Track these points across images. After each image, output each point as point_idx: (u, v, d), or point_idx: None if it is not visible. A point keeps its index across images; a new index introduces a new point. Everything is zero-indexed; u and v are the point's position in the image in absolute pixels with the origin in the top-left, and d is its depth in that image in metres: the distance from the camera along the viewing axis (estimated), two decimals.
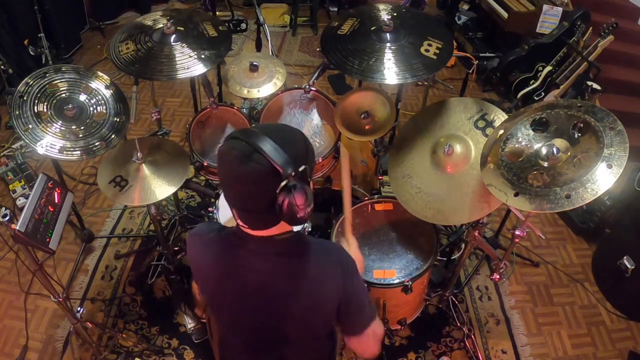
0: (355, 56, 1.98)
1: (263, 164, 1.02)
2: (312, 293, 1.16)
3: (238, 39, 4.74)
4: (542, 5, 3.71)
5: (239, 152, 1.03)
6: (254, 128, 1.11)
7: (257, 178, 1.03)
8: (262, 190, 1.05)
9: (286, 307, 1.18)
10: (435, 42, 2.01)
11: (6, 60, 3.52)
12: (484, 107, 1.91)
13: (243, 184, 1.06)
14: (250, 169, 1.02)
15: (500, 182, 1.55)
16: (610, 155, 1.41)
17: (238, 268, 1.18)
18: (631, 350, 2.42)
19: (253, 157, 1.02)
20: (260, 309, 1.20)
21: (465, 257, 2.23)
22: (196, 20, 2.19)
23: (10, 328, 2.38)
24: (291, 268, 1.16)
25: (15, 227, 1.50)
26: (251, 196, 1.08)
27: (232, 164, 1.05)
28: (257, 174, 1.03)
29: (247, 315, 1.24)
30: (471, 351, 2.33)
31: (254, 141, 1.03)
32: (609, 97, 3.50)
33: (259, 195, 1.06)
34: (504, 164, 1.57)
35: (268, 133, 1.06)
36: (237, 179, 1.06)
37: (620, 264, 2.51)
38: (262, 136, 1.04)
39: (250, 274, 1.17)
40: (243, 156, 1.03)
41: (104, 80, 2.12)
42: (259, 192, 1.05)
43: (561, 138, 1.52)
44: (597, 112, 1.49)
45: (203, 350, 2.28)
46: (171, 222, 2.85)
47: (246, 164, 1.02)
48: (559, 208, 1.42)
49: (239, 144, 1.04)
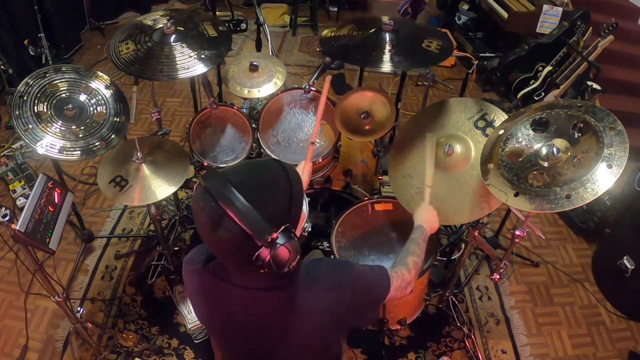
0: (357, 48, 1.98)
1: (234, 231, 0.93)
2: (304, 328, 1.11)
3: (238, 39, 4.74)
4: (542, 5, 3.71)
5: (208, 215, 0.95)
6: (228, 174, 0.98)
7: (230, 245, 0.96)
8: (238, 254, 0.98)
9: (277, 341, 1.14)
10: (436, 40, 2.01)
11: (6, 60, 3.52)
12: (484, 107, 1.91)
13: (217, 246, 1.00)
14: (221, 237, 0.94)
15: (500, 182, 1.55)
16: (610, 155, 1.40)
17: (225, 300, 1.13)
18: (631, 351, 2.42)
19: (222, 223, 0.93)
20: (250, 341, 1.17)
21: (465, 257, 2.23)
22: (196, 20, 2.19)
23: (10, 328, 2.38)
24: (280, 303, 1.09)
25: (15, 227, 1.50)
26: (228, 256, 1.03)
27: (202, 226, 0.98)
28: (229, 242, 0.95)
29: (239, 342, 1.21)
30: (471, 351, 2.33)
31: (223, 201, 0.92)
32: (609, 97, 3.50)
33: (236, 257, 1.00)
34: (504, 164, 1.57)
35: (243, 185, 0.95)
36: (209, 241, 1.00)
37: (620, 264, 2.51)
38: (232, 193, 0.93)
39: (236, 307, 1.12)
40: (212, 221, 0.94)
41: (104, 80, 2.12)
42: (235, 255, 1.00)
43: (561, 138, 1.52)
44: (597, 112, 1.49)
45: (203, 350, 2.28)
46: (171, 222, 2.85)
47: (216, 230, 0.94)
48: (559, 208, 1.42)
49: (208, 203, 0.94)
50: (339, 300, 1.11)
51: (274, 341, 1.15)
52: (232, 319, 1.14)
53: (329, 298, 1.11)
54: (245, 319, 1.13)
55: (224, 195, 0.93)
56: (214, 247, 1.02)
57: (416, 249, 1.45)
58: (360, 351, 2.30)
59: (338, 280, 1.14)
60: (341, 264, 1.25)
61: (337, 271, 1.17)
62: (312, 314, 1.10)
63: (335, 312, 1.12)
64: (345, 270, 1.17)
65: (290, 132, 2.27)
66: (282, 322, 1.11)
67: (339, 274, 1.16)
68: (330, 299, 1.11)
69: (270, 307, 1.10)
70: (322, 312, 1.10)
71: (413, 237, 1.50)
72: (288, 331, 1.12)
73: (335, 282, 1.13)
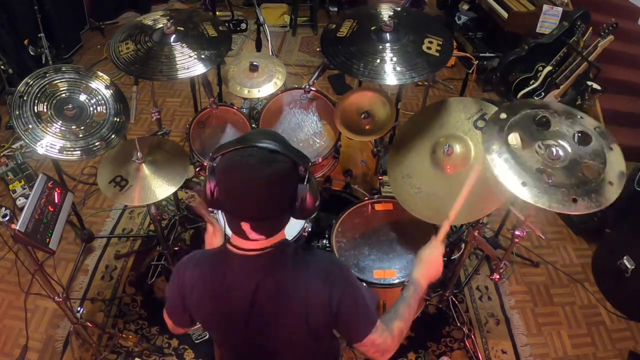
0: (359, 58, 1.97)
1: (286, 162, 1.05)
2: (296, 312, 1.13)
3: (238, 39, 4.74)
4: (542, 5, 3.71)
5: (259, 157, 1.04)
6: (247, 137, 1.11)
7: (284, 177, 1.06)
8: (286, 188, 1.07)
9: (272, 325, 1.16)
10: (436, 39, 2.01)
11: (6, 60, 3.52)
12: (484, 107, 1.91)
13: (268, 188, 1.05)
14: (277, 170, 1.04)
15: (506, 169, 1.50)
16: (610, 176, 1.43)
17: (223, 287, 1.16)
18: (631, 351, 2.42)
19: (276, 158, 1.04)
20: (247, 327, 1.18)
21: (465, 257, 2.23)
22: (196, 20, 2.18)
23: (10, 328, 2.38)
24: (275, 286, 1.13)
25: (15, 227, 1.50)
26: (274, 199, 1.07)
27: (252, 172, 1.03)
28: (284, 173, 1.05)
29: (236, 332, 1.22)
30: (471, 351, 2.33)
31: (267, 144, 1.05)
32: (609, 97, 3.50)
33: (283, 194, 1.07)
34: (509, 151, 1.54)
35: (265, 137, 1.07)
36: (259, 186, 1.04)
37: (620, 264, 2.51)
38: (267, 140, 1.06)
39: (234, 292, 1.15)
40: (265, 160, 1.03)
41: (104, 80, 2.12)
42: (284, 191, 1.07)
43: (562, 140, 1.52)
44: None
45: (203, 350, 2.28)
46: (171, 222, 2.86)
47: (270, 166, 1.03)
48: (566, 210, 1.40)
49: (253, 151, 1.05)
50: (330, 287, 1.13)
51: (267, 328, 1.17)
52: (231, 304, 1.17)
53: (317, 284, 1.13)
54: (243, 304, 1.15)
55: (262, 142, 1.06)
56: (257, 193, 1.05)
57: (405, 312, 1.27)
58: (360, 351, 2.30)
59: (330, 271, 1.16)
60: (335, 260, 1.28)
61: (328, 263, 1.20)
62: (304, 299, 1.12)
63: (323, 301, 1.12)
64: (340, 267, 1.20)
65: (290, 132, 2.27)
66: (276, 306, 1.14)
67: (330, 265, 1.19)
68: (319, 286, 1.13)
69: (267, 290, 1.13)
70: (312, 297, 1.12)
71: (405, 296, 1.31)
72: (281, 315, 1.15)
73: (326, 272, 1.15)
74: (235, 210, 1.10)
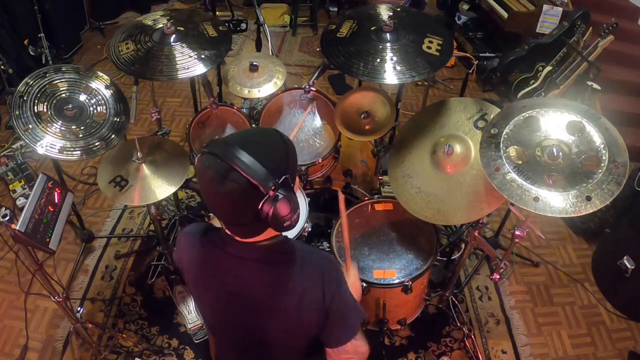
0: (359, 58, 1.97)
1: (240, 182, 0.99)
2: (290, 306, 1.14)
3: (238, 39, 4.74)
4: (542, 5, 3.71)
5: (215, 171, 1.01)
6: (229, 139, 1.07)
7: (237, 196, 1.02)
8: (243, 206, 1.03)
9: (265, 315, 1.17)
10: (436, 39, 2.01)
11: (6, 60, 3.52)
12: (484, 107, 1.91)
13: (223, 202, 1.04)
14: (229, 189, 1.00)
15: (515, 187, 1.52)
16: (612, 154, 1.42)
17: (218, 270, 1.17)
18: (631, 351, 2.42)
19: (229, 176, 0.99)
20: (240, 313, 1.19)
21: (465, 257, 2.23)
22: (196, 20, 2.19)
23: (10, 328, 2.38)
24: (271, 278, 1.14)
25: (15, 227, 1.50)
26: (234, 212, 1.06)
27: (209, 183, 1.03)
28: (236, 193, 1.01)
29: (228, 316, 1.23)
30: (471, 351, 2.33)
31: (229, 158, 1.00)
32: (609, 97, 3.50)
33: (242, 211, 1.04)
34: (512, 167, 1.55)
35: (244, 144, 1.02)
36: (216, 197, 1.04)
37: (620, 264, 2.51)
38: (237, 150, 1.01)
39: (228, 277, 1.16)
40: (219, 176, 1.00)
41: (104, 80, 2.12)
42: (241, 208, 1.04)
43: (557, 139, 1.53)
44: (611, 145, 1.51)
45: (203, 350, 2.28)
46: (171, 222, 2.86)
47: (223, 183, 1.00)
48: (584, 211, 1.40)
49: (214, 161, 1.01)
50: (325, 286, 1.14)
51: (262, 319, 1.17)
52: (223, 289, 1.18)
53: (315, 282, 1.14)
54: (237, 289, 1.16)
55: (229, 152, 1.01)
56: (219, 203, 1.06)
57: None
58: None
59: (327, 271, 1.18)
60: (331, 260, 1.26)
61: (327, 263, 1.21)
62: (299, 295, 1.13)
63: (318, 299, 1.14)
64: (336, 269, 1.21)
65: (290, 132, 2.27)
66: (271, 298, 1.14)
67: (328, 265, 1.20)
68: (316, 284, 1.14)
69: (263, 280, 1.14)
70: (307, 293, 1.13)
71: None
72: (275, 309, 1.15)
73: (323, 271, 1.17)
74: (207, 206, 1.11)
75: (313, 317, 1.15)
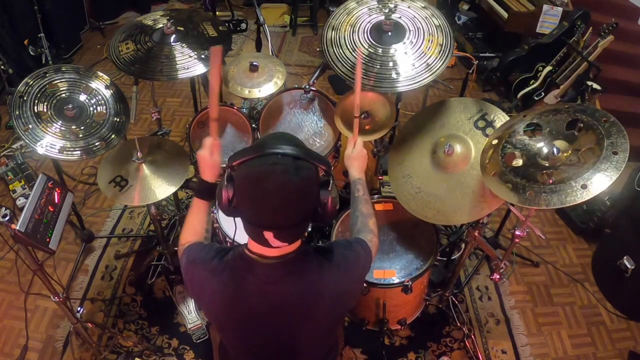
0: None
1: (310, 168, 1.05)
2: (320, 311, 1.15)
3: (238, 39, 4.74)
4: (542, 5, 3.71)
5: (283, 166, 1.01)
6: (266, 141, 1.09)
7: (310, 184, 1.05)
8: (310, 195, 1.06)
9: (299, 326, 1.17)
10: (436, 38, 2.01)
11: (6, 60, 3.52)
12: (484, 107, 1.91)
13: (298, 197, 1.04)
14: (304, 176, 1.03)
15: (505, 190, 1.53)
16: (612, 144, 1.42)
17: (247, 294, 1.14)
18: (631, 350, 2.42)
19: (301, 165, 1.03)
20: (270, 331, 1.18)
21: (465, 257, 2.23)
22: (196, 20, 2.19)
23: (10, 328, 2.38)
24: (303, 288, 1.13)
25: (15, 227, 1.50)
26: (301, 207, 1.06)
27: (281, 182, 1.01)
28: (311, 180, 1.05)
29: (256, 337, 1.22)
30: (471, 351, 2.33)
31: (289, 151, 1.03)
32: (609, 97, 3.50)
33: (307, 203, 1.06)
34: (508, 170, 1.55)
35: (285, 142, 1.06)
36: (289, 195, 1.02)
37: (620, 264, 2.51)
38: (287, 143, 1.05)
39: (258, 298, 1.14)
40: (291, 169, 1.01)
41: (104, 80, 2.12)
42: (308, 198, 1.06)
43: (558, 139, 1.52)
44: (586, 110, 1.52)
45: (203, 350, 2.28)
46: (171, 222, 2.86)
47: (298, 174, 1.02)
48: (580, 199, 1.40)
49: (273, 159, 1.02)
50: (352, 280, 1.19)
51: (291, 328, 1.18)
52: (253, 312, 1.16)
53: (345, 280, 1.18)
54: (267, 310, 1.15)
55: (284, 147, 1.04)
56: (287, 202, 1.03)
57: (370, 208, 1.43)
58: (360, 351, 2.30)
59: (352, 263, 1.21)
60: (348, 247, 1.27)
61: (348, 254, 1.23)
62: (330, 297, 1.15)
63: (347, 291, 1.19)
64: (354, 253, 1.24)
65: (291, 132, 2.27)
66: (301, 307, 1.15)
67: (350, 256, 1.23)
68: (346, 281, 1.18)
69: (295, 292, 1.14)
70: (339, 294, 1.16)
71: (359, 196, 1.46)
72: (305, 316, 1.16)
73: (349, 265, 1.20)
74: (259, 220, 1.06)
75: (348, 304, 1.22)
